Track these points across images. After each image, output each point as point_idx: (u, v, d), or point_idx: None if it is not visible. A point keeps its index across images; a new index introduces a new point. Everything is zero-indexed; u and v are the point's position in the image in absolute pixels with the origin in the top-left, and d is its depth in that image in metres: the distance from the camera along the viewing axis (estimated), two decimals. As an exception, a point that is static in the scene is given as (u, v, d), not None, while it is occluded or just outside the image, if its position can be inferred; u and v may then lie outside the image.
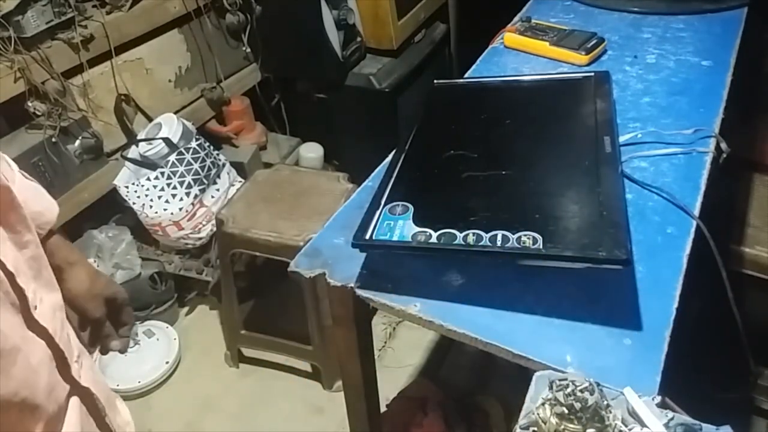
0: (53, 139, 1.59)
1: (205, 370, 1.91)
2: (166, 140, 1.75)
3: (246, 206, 1.66)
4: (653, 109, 1.08)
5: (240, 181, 1.96)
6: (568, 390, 0.58)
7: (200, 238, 1.90)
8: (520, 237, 0.72)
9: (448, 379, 1.72)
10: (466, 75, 1.26)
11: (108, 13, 1.70)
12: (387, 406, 1.60)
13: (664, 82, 1.15)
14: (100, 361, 1.83)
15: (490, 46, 1.36)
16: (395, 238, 0.77)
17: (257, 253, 1.63)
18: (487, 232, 0.73)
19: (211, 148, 1.90)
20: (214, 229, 1.78)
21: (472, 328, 0.74)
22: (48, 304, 0.64)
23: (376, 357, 1.12)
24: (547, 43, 1.26)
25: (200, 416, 1.78)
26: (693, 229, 0.83)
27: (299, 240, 1.49)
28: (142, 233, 1.93)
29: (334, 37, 2.03)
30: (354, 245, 0.78)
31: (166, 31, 1.89)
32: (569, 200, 0.79)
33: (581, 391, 0.58)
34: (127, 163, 1.80)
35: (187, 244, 1.91)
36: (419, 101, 1.12)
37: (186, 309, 2.09)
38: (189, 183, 1.79)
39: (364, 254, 0.83)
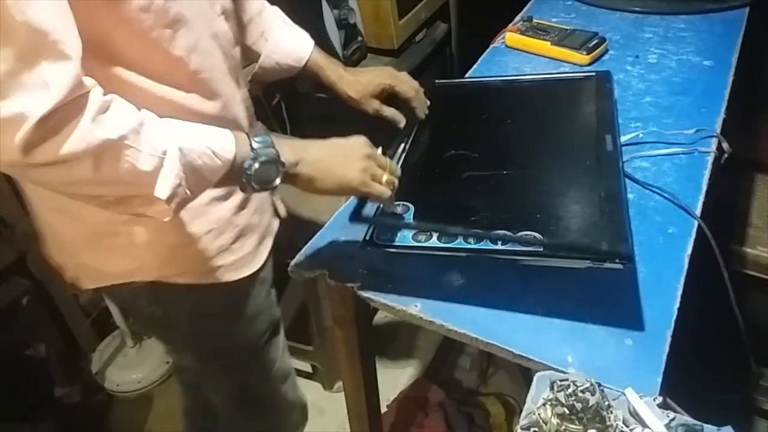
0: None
1: (206, 370, 1.91)
2: (167, 140, 1.75)
3: (246, 206, 1.66)
4: (655, 109, 1.08)
5: (241, 181, 1.96)
6: (570, 390, 0.58)
7: (201, 238, 1.89)
8: (521, 236, 0.72)
9: (448, 379, 1.72)
10: (467, 75, 1.26)
11: (109, 13, 1.70)
12: (387, 406, 1.60)
13: (666, 81, 1.15)
14: (100, 361, 1.82)
15: (491, 46, 1.36)
16: (396, 238, 0.77)
17: (258, 253, 1.62)
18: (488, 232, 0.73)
19: (212, 147, 1.90)
20: (215, 228, 1.78)
21: (473, 328, 0.74)
22: None
23: (376, 357, 1.12)
24: (549, 43, 1.26)
25: (200, 416, 1.78)
26: (694, 229, 0.83)
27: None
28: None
29: (335, 36, 2.02)
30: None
31: (166, 30, 1.89)
32: (570, 200, 0.79)
33: (582, 391, 0.58)
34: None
35: (187, 243, 1.90)
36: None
37: (186, 309, 2.09)
38: (189, 183, 1.79)
39: (364, 254, 0.82)
